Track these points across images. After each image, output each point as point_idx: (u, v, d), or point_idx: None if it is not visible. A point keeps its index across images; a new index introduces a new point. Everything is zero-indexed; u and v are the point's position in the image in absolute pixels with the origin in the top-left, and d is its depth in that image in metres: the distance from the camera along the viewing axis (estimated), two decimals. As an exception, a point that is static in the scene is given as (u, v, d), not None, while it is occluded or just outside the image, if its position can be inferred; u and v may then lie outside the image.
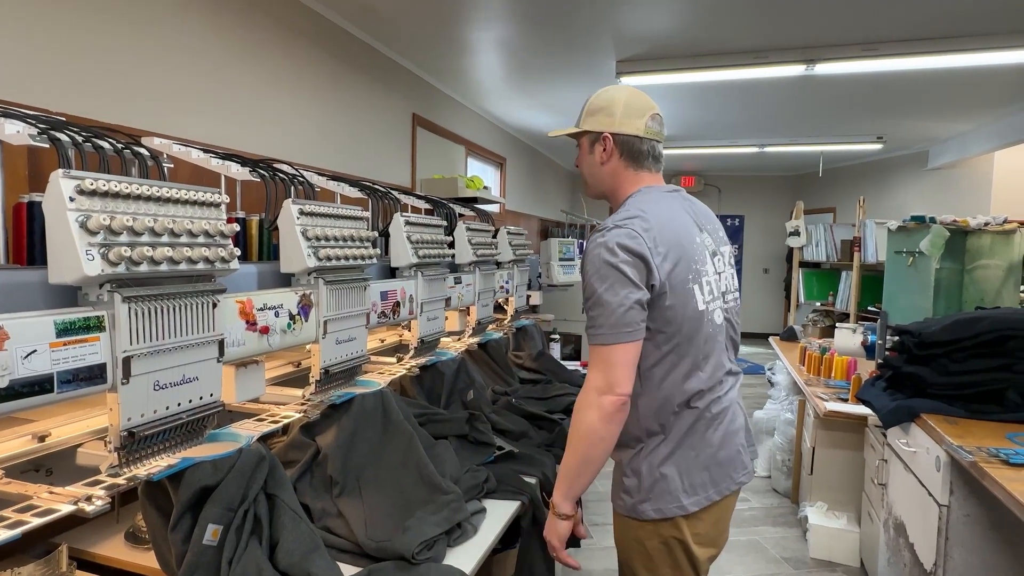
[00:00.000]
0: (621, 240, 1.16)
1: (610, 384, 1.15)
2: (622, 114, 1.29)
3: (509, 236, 2.77)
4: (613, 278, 1.15)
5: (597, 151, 1.32)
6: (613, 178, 1.32)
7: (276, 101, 2.80)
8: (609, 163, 1.31)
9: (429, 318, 1.97)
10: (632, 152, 1.30)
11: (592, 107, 1.34)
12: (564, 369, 2.69)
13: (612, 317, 1.14)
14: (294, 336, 1.34)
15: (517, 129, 6.18)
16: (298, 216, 1.38)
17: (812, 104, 4.95)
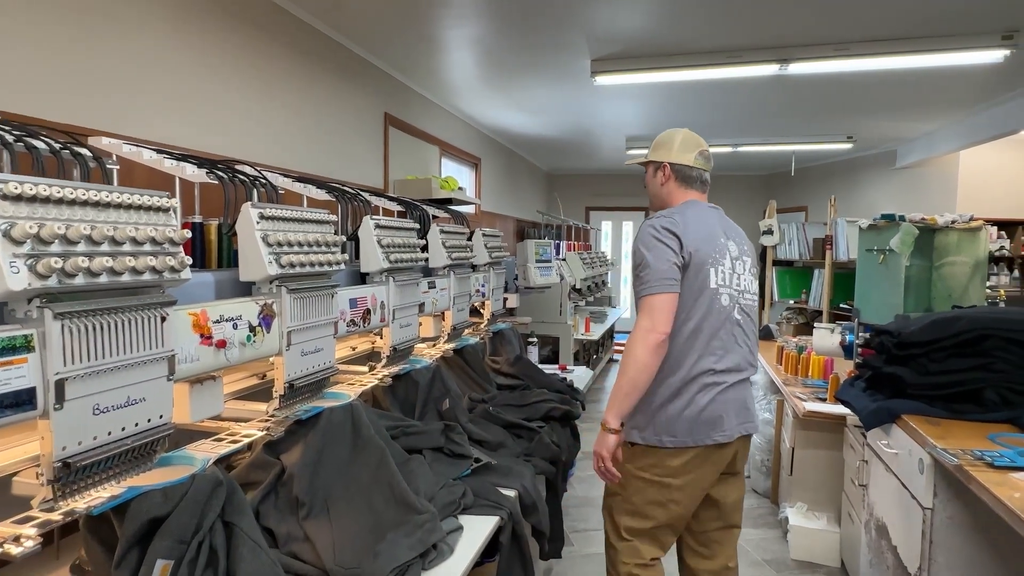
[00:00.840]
0: (663, 223, 1.63)
1: (654, 324, 1.54)
2: (678, 149, 1.77)
3: (485, 238, 2.70)
4: (657, 247, 1.58)
5: (659, 175, 1.79)
6: (668, 194, 1.79)
7: (240, 100, 2.69)
8: (667, 184, 1.78)
9: (402, 325, 1.89)
10: (683, 176, 1.77)
11: (657, 143, 1.82)
12: (542, 374, 2.63)
13: (656, 274, 1.56)
14: (255, 349, 1.25)
15: (492, 129, 6.11)
16: (258, 220, 1.29)
17: (785, 104, 4.99)
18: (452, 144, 5.27)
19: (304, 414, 1.39)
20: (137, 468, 0.99)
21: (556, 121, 5.76)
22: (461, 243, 2.42)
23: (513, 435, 1.97)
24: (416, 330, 2.00)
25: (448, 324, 2.28)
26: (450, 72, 4.22)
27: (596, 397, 5.28)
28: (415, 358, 2.05)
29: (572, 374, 3.16)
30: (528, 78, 4.32)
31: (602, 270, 6.01)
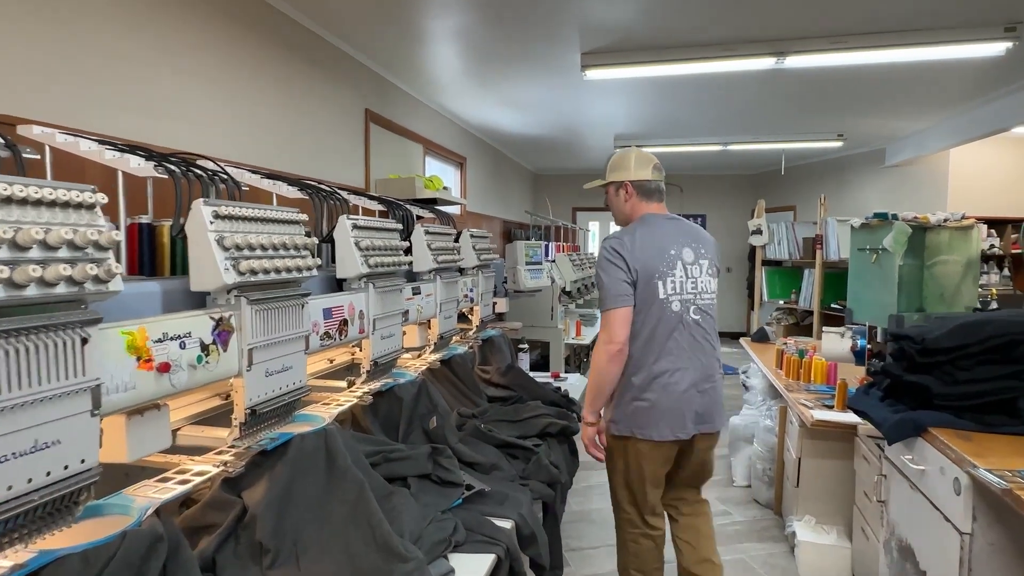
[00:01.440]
0: (613, 245, 1.86)
1: (611, 336, 1.80)
2: (635, 167, 1.98)
3: (473, 240, 2.53)
4: (609, 268, 1.83)
5: (621, 193, 2.00)
6: (632, 209, 1.99)
7: (208, 95, 2.49)
8: (630, 200, 1.99)
9: (384, 336, 1.71)
10: (644, 191, 1.98)
11: (613, 166, 2.03)
12: (535, 384, 2.46)
13: (610, 291, 1.81)
14: (208, 371, 1.06)
15: (478, 127, 5.94)
16: (212, 220, 1.10)
17: (776, 101, 4.88)
18: (436, 143, 5.09)
19: (270, 444, 1.20)
20: (54, 525, 0.80)
21: (543, 119, 5.60)
22: (448, 245, 2.25)
23: (507, 455, 1.80)
24: (399, 341, 1.82)
25: (435, 333, 2.11)
26: (434, 66, 4.04)
27: None
28: (399, 371, 1.87)
29: (566, 382, 2.99)
30: (515, 73, 4.16)
31: (591, 272, 5.86)
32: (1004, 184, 6.05)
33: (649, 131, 6.04)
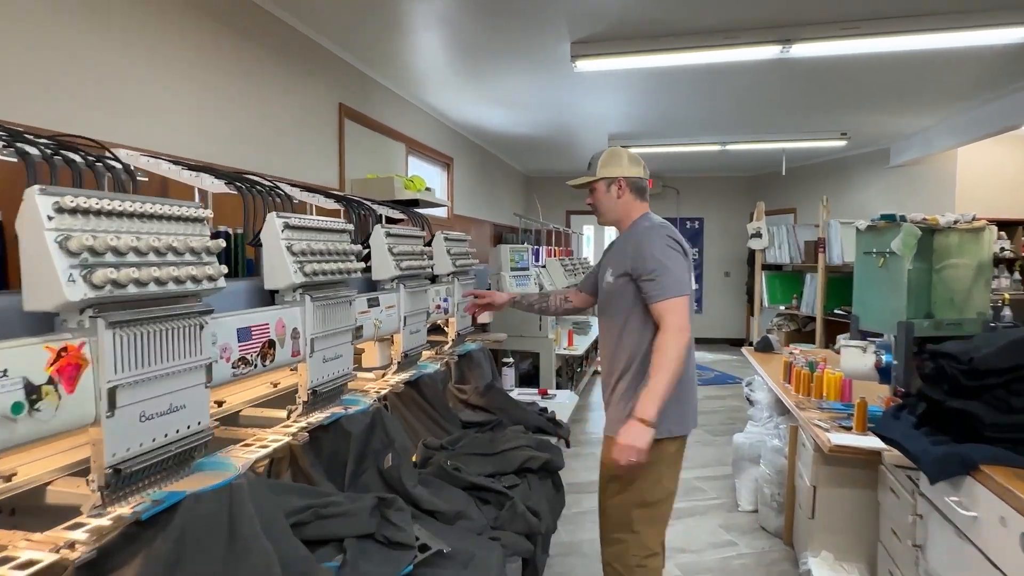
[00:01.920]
0: (669, 233, 1.80)
1: (684, 323, 1.69)
2: (628, 164, 1.89)
3: (448, 243, 2.25)
4: (673, 255, 1.74)
5: (613, 190, 1.89)
6: (626, 207, 1.90)
7: (164, 87, 2.21)
8: (623, 197, 1.89)
9: (327, 358, 1.43)
10: (637, 189, 1.90)
11: (605, 161, 1.89)
12: (517, 406, 2.17)
13: (678, 277, 1.71)
14: (39, 423, 0.77)
15: (465, 126, 5.66)
16: (50, 216, 0.81)
17: (778, 97, 4.62)
18: (420, 141, 4.81)
19: (145, 511, 0.91)
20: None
21: (534, 118, 5.33)
22: (414, 249, 1.96)
23: (478, 499, 1.51)
24: (349, 363, 1.53)
25: (398, 350, 1.82)
26: (414, 59, 3.77)
27: (581, 416, 4.83)
28: (351, 398, 1.59)
29: (554, 400, 2.70)
30: (502, 66, 3.89)
31: (585, 277, 5.59)
32: (1014, 184, 5.81)
33: (644, 130, 5.78)
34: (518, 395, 2.80)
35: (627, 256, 1.77)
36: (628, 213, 1.88)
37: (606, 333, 1.85)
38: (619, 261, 1.80)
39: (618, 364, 1.79)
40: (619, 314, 1.79)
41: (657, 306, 1.70)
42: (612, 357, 1.82)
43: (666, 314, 1.68)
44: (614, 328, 1.81)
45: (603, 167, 1.87)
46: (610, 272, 1.81)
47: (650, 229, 1.78)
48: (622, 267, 1.77)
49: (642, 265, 1.72)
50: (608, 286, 1.82)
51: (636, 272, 1.73)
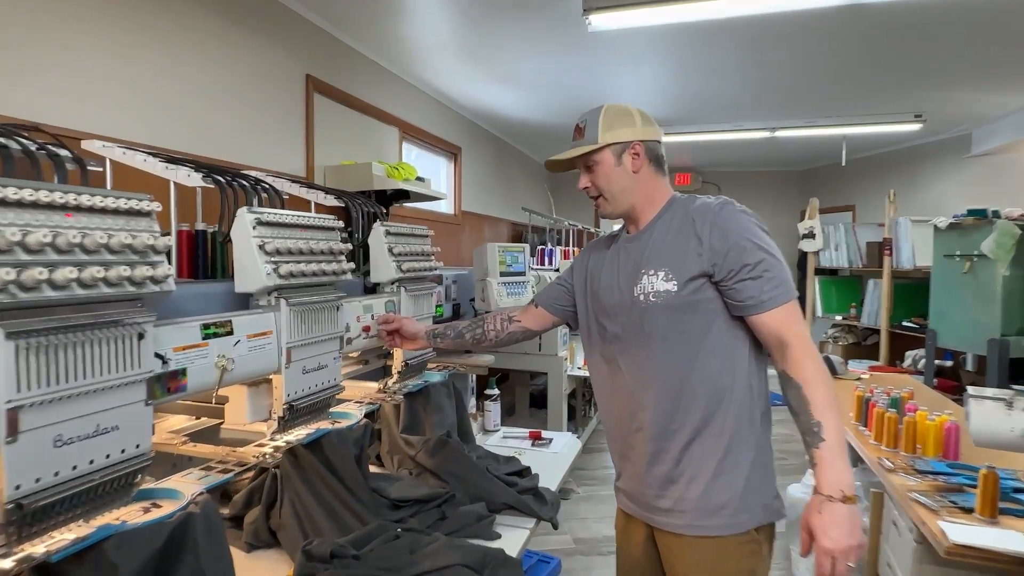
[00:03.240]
0: (756, 221, 1.23)
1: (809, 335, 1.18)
2: (642, 121, 1.31)
3: (391, 239, 1.62)
4: (770, 239, 1.21)
5: (627, 161, 1.30)
6: (648, 187, 1.31)
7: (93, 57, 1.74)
8: (641, 171, 1.30)
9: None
10: (657, 159, 1.33)
11: (608, 122, 1.30)
12: (478, 472, 1.52)
13: (786, 274, 1.18)
14: None
15: (474, 112, 5.04)
16: None
17: (840, 68, 3.84)
18: (418, 127, 4.22)
19: None
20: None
21: (550, 100, 4.67)
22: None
23: None
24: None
25: (278, 400, 1.20)
26: (401, 23, 3.15)
27: (589, 465, 3.96)
28: (168, 488, 0.97)
29: (548, 448, 2.05)
30: (505, 29, 3.25)
31: (610, 282, 4.90)
32: None
33: (678, 114, 5.05)
34: (501, 439, 2.15)
35: (694, 249, 1.20)
36: (651, 195, 1.30)
37: (649, 372, 1.24)
38: (678, 259, 1.21)
39: (688, 417, 1.21)
40: (687, 339, 1.21)
41: (772, 316, 1.16)
42: (672, 409, 1.22)
43: (791, 326, 1.15)
44: (673, 362, 1.22)
45: (607, 130, 1.28)
46: (662, 277, 1.22)
47: (725, 208, 1.22)
48: (692, 266, 1.19)
49: (737, 257, 1.16)
50: (661, 299, 1.21)
51: (726, 269, 1.17)
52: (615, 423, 1.34)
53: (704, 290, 1.19)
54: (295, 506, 1.26)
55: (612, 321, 1.31)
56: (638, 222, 1.32)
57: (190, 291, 1.14)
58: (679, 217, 1.26)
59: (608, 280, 1.33)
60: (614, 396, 1.32)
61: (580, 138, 1.31)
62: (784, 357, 1.14)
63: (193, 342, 0.99)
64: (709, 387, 1.20)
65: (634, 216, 1.33)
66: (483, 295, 2.32)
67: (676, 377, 1.22)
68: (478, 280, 2.35)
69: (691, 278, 1.19)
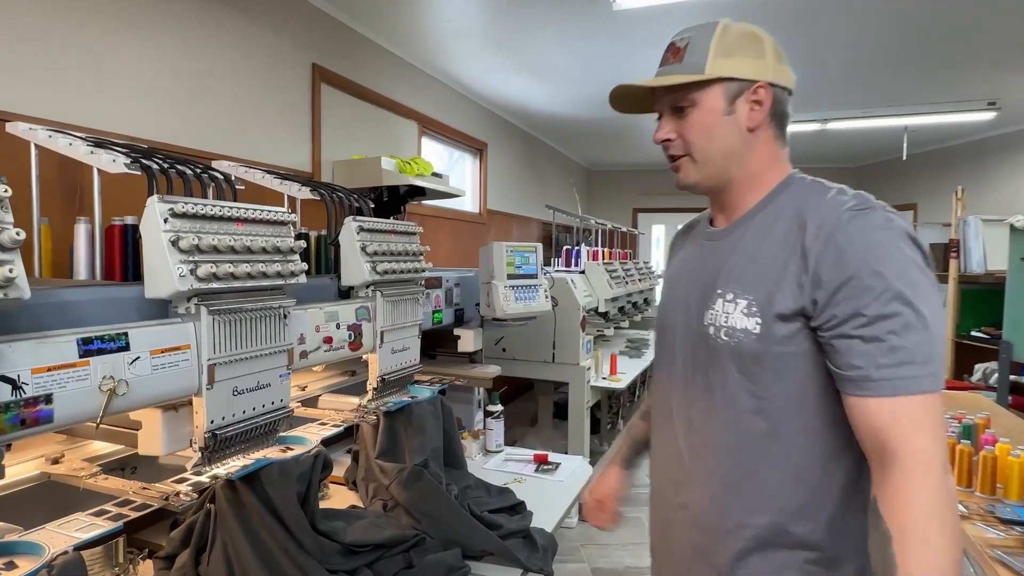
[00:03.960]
0: (910, 231, 0.79)
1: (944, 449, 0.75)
2: (774, 57, 0.90)
3: (364, 237, 1.42)
4: (928, 284, 0.77)
5: (741, 110, 0.89)
6: (762, 156, 0.91)
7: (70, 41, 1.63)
8: (760, 130, 0.90)
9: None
10: (782, 116, 0.92)
11: (726, 45, 0.88)
12: (454, 513, 1.29)
13: (934, 346, 0.75)
14: None
15: (501, 106, 4.82)
16: None
17: (900, 49, 3.44)
18: (439, 121, 4.03)
19: None
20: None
21: (580, 92, 4.41)
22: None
23: None
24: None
25: (199, 427, 0.99)
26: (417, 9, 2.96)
27: None
28: (29, 541, 0.78)
29: (552, 475, 1.80)
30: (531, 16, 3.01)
31: (644, 285, 4.59)
32: None
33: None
34: (503, 461, 1.92)
35: (795, 271, 0.80)
36: (760, 169, 0.91)
37: (704, 439, 0.90)
38: (767, 282, 0.83)
39: (751, 518, 0.85)
40: (765, 412, 0.84)
41: (881, 406, 0.74)
42: (728, 500, 0.87)
43: (910, 434, 0.73)
44: (739, 438, 0.86)
45: (722, 56, 0.88)
46: (743, 308, 0.84)
47: (860, 216, 0.78)
48: (785, 298, 0.80)
49: (853, 298, 0.75)
50: (736, 341, 0.84)
51: (829, 313, 0.77)
52: (657, 484, 1.02)
53: (800, 339, 0.80)
54: (227, 551, 1.06)
55: (672, 349, 0.96)
56: (731, 208, 0.93)
57: (97, 295, 0.95)
58: (788, 214, 0.85)
59: (678, 289, 0.98)
60: (662, 446, 1.00)
61: (675, 61, 0.91)
62: (883, 478, 0.74)
63: (65, 361, 0.79)
64: (790, 487, 0.83)
65: (728, 198, 0.93)
66: (488, 299, 2.09)
67: (741, 460, 0.86)
68: (483, 283, 2.12)
69: (781, 316, 0.80)
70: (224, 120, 2.34)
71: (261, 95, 2.53)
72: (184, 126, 2.16)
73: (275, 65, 2.61)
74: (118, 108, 1.90)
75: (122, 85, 1.91)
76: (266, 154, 2.56)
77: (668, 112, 0.93)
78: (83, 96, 1.79)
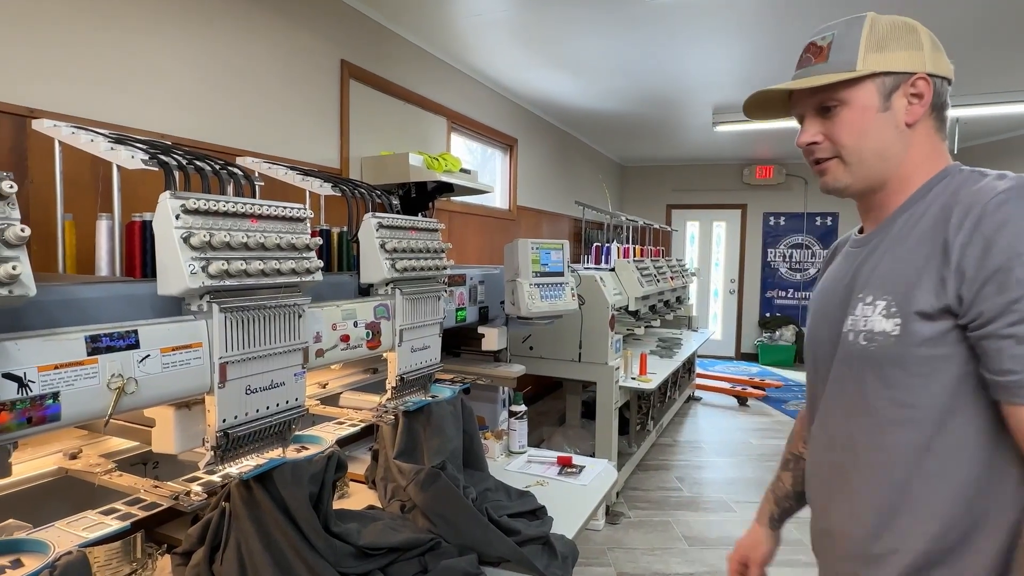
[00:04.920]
0: None
1: None
2: (931, 46, 0.84)
3: (383, 233, 1.40)
4: None
5: (899, 105, 0.83)
6: (921, 153, 0.84)
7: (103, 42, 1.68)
8: (919, 124, 0.84)
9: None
10: (942, 108, 0.85)
11: (878, 38, 0.83)
12: (470, 518, 1.26)
13: None
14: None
15: (531, 101, 4.77)
16: None
17: (952, 33, 3.26)
18: (468, 116, 4.01)
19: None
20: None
21: (613, 87, 4.33)
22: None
23: None
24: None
25: (210, 426, 0.99)
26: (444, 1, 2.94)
27: (644, 485, 3.57)
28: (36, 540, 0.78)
29: (576, 479, 1.76)
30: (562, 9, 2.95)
31: (677, 283, 4.48)
32: None
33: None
34: (525, 463, 1.88)
35: (937, 264, 0.75)
36: (917, 164, 0.84)
37: (846, 457, 0.85)
38: (907, 279, 0.77)
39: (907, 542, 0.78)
40: (913, 422, 0.77)
41: None
42: (877, 525, 0.81)
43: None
44: (885, 455, 0.80)
45: (875, 50, 0.82)
46: (881, 309, 0.79)
47: (1012, 201, 0.72)
48: (926, 294, 0.75)
49: (998, 293, 0.69)
50: (876, 345, 0.79)
51: (976, 310, 0.71)
52: (810, 503, 0.98)
53: (949, 340, 0.73)
54: (240, 551, 1.05)
55: (821, 360, 0.91)
56: (880, 209, 0.87)
57: (111, 292, 0.95)
58: (936, 207, 0.78)
59: (823, 303, 0.93)
60: (813, 466, 0.95)
61: (819, 61, 0.86)
62: None
63: (73, 358, 0.78)
64: (949, 507, 0.75)
65: (878, 199, 0.87)
66: (513, 298, 2.05)
67: (888, 477, 0.79)
68: (508, 281, 2.08)
69: (923, 315, 0.74)
70: (252, 117, 2.35)
71: (290, 91, 2.54)
72: (212, 123, 2.18)
73: (304, 62, 2.62)
74: (147, 105, 1.93)
75: (151, 82, 1.94)
76: (294, 151, 2.57)
77: (812, 113, 0.88)
78: (111, 93, 1.82)
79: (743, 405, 5.50)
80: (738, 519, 3.02)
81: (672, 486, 3.48)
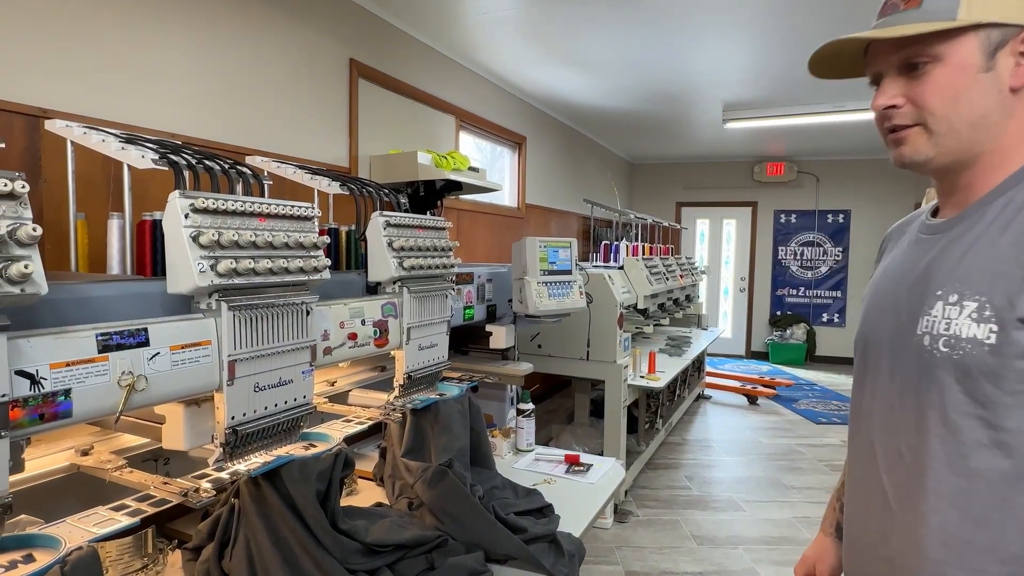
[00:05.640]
0: None
1: None
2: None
3: (390, 232, 1.40)
4: None
5: (1005, 65, 0.69)
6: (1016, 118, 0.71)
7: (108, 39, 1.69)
8: None
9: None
10: None
11: None
12: (477, 515, 1.26)
13: None
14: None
15: (540, 98, 4.76)
16: None
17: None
18: (476, 115, 4.01)
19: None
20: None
21: (622, 84, 4.31)
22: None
23: None
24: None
25: (219, 423, 0.99)
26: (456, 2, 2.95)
27: (653, 484, 3.55)
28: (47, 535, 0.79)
29: (583, 477, 1.76)
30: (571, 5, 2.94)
31: (686, 281, 4.46)
32: None
33: (766, 94, 4.52)
34: (533, 461, 1.88)
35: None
36: (1020, 138, 0.72)
37: (917, 481, 0.74)
38: (1008, 276, 0.66)
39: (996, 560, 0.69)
40: (1006, 448, 0.67)
41: None
42: (947, 555, 0.71)
43: None
44: (971, 485, 0.70)
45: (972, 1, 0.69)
46: (971, 312, 0.68)
47: None
48: None
49: None
50: (963, 353, 0.69)
51: None
52: (853, 529, 0.86)
53: None
54: (249, 547, 1.06)
55: (875, 366, 0.81)
56: (966, 191, 0.75)
57: (122, 291, 0.96)
58: None
59: (884, 295, 0.82)
60: (860, 483, 0.84)
61: (910, 6, 0.71)
62: None
63: (84, 356, 0.79)
64: None
65: (966, 179, 0.75)
66: (520, 296, 2.05)
67: (967, 507, 0.69)
68: (515, 279, 2.08)
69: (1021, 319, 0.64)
70: (262, 116, 2.37)
71: (299, 91, 2.55)
72: (222, 122, 2.19)
73: (313, 61, 2.63)
74: (157, 105, 1.95)
75: (161, 82, 1.95)
76: (304, 149, 2.59)
77: (894, 72, 0.74)
78: (123, 94, 1.84)
79: (753, 404, 5.47)
80: (747, 518, 3.01)
81: (681, 485, 3.47)
